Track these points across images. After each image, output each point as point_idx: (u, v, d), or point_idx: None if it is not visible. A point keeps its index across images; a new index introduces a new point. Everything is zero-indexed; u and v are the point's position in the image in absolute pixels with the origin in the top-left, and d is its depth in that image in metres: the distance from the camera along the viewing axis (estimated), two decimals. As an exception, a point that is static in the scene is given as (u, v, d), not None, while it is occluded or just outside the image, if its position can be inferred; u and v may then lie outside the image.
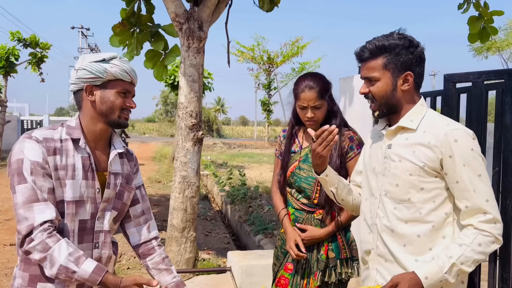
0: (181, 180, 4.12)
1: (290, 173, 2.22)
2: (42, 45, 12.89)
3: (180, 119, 4.11)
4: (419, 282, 1.41)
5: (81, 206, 1.52)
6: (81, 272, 1.40)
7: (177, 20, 4.04)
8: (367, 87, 1.57)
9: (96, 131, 1.58)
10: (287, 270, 2.23)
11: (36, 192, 1.41)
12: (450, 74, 2.09)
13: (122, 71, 1.54)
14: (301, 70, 26.82)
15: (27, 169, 1.42)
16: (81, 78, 1.53)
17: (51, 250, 1.38)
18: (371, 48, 1.53)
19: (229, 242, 6.21)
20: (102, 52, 1.58)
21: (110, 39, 4.62)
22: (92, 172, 1.55)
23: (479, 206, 1.43)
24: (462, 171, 1.44)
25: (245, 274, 3.84)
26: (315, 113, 2.10)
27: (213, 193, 10.46)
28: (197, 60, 4.07)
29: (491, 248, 1.44)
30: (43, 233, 1.38)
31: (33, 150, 1.44)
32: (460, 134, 1.46)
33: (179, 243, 4.17)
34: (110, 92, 1.54)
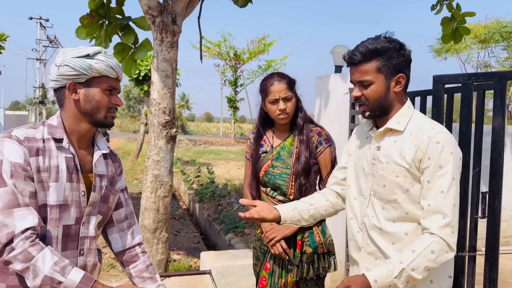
0: (153, 179, 3.98)
1: (264, 172, 2.25)
2: (-2, 35, 12.18)
3: (152, 116, 3.97)
4: (368, 285, 1.43)
5: (65, 211, 1.41)
6: (68, 283, 1.29)
7: (150, 13, 3.89)
8: (359, 90, 1.57)
9: (79, 130, 1.48)
10: (267, 269, 2.25)
11: (16, 197, 1.30)
12: (439, 75, 2.12)
13: (107, 67, 1.43)
14: (267, 67, 26.89)
15: (7, 172, 1.30)
16: (63, 75, 1.41)
17: (35, 260, 1.27)
18: (363, 52, 1.54)
19: (199, 242, 6.10)
20: (84, 47, 1.46)
21: (76, 31, 4.40)
22: (77, 174, 1.45)
23: (441, 207, 1.45)
24: (436, 171, 1.47)
25: (220, 275, 3.77)
26: (286, 105, 2.16)
27: (180, 191, 10.28)
28: (170, 55, 3.94)
29: (443, 257, 1.45)
30: (25, 241, 1.27)
31: (14, 151, 1.33)
32: (443, 137, 1.49)
33: (150, 244, 4.03)
34: (95, 90, 1.44)
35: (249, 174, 2.35)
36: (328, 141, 2.23)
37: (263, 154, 2.29)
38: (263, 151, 2.30)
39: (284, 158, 2.21)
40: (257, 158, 2.29)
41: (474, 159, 2.19)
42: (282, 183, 2.20)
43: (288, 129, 2.27)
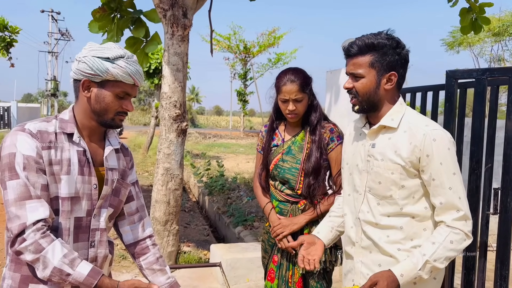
0: (164, 172, 4.02)
1: (274, 166, 2.26)
2: (11, 28, 12.28)
3: (163, 109, 3.99)
4: (395, 279, 1.49)
5: (77, 203, 1.43)
6: (76, 275, 1.32)
7: (161, 7, 3.90)
8: (351, 82, 1.61)
9: (90, 126, 1.50)
10: (274, 262, 2.28)
11: (28, 189, 1.32)
12: (452, 71, 2.10)
13: (125, 73, 1.43)
14: (277, 60, 26.77)
15: (20, 164, 1.32)
16: (80, 71, 1.42)
17: (45, 252, 1.30)
18: (360, 45, 1.56)
19: (209, 234, 6.15)
20: (110, 47, 1.45)
21: (89, 25, 4.43)
22: (88, 167, 1.46)
23: (453, 203, 1.51)
24: (439, 169, 1.51)
25: (229, 268, 3.81)
26: (296, 106, 2.16)
27: (190, 184, 10.34)
28: (181, 49, 3.95)
29: (462, 245, 1.52)
30: (36, 233, 1.30)
31: (27, 144, 1.34)
32: (438, 134, 1.52)
33: (161, 236, 4.08)
34: (107, 93, 1.44)
35: (259, 166, 2.36)
36: (340, 138, 2.22)
37: (274, 147, 2.30)
38: (274, 144, 2.30)
39: (295, 153, 2.21)
40: (268, 151, 2.30)
41: (487, 155, 2.17)
42: (291, 177, 2.21)
43: (300, 125, 2.27)
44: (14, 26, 12.33)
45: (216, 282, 3.90)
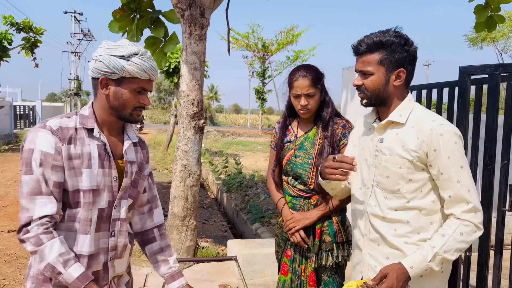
0: (182, 169, 4.10)
1: (286, 161, 2.29)
2: (35, 29, 12.65)
3: (181, 107, 4.07)
4: (405, 271, 1.52)
5: (99, 195, 1.49)
6: (66, 275, 1.38)
7: (179, 6, 3.97)
8: (361, 79, 1.64)
9: (109, 121, 1.56)
10: (288, 256, 2.31)
11: (40, 185, 1.39)
12: (465, 66, 2.10)
13: (140, 70, 1.47)
14: (295, 58, 26.67)
15: (37, 160, 1.39)
16: (97, 69, 1.48)
17: (43, 246, 1.37)
18: (368, 43, 1.59)
19: (227, 230, 6.23)
20: (124, 44, 1.50)
21: (109, 25, 4.54)
22: (109, 160, 1.52)
23: (461, 195, 1.53)
24: (447, 163, 1.53)
25: (246, 263, 3.86)
26: (308, 101, 2.18)
27: (208, 181, 10.46)
28: (199, 48, 4.02)
29: (473, 237, 1.54)
30: (39, 227, 1.37)
31: (46, 141, 1.41)
32: (445, 129, 1.55)
33: (180, 231, 4.17)
34: (125, 89, 1.49)
35: (273, 162, 2.39)
36: None
37: (286, 143, 2.33)
38: (287, 140, 2.34)
39: (307, 148, 2.24)
40: (281, 147, 2.33)
41: (503, 151, 2.16)
42: (304, 172, 2.24)
43: (313, 121, 2.30)
44: (39, 27, 12.71)
45: (233, 276, 3.97)
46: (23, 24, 12.30)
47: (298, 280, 2.25)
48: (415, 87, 2.64)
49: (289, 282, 2.27)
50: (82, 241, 1.47)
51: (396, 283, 1.49)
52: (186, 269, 4.23)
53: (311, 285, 2.23)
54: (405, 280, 1.51)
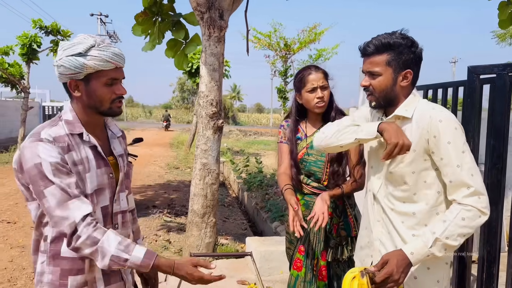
0: (202, 167, 4.21)
1: (299, 160, 2.35)
2: (63, 32, 13.06)
3: (200, 107, 4.18)
4: (406, 257, 1.53)
5: (101, 194, 1.52)
6: (133, 259, 1.39)
7: (199, 9, 4.08)
8: (368, 80, 1.67)
9: (91, 120, 1.54)
10: (301, 252, 2.37)
11: (66, 191, 1.38)
12: (474, 66, 2.12)
13: (102, 61, 1.41)
14: (318, 57, 26.42)
15: (49, 171, 1.37)
16: (62, 74, 1.44)
17: (101, 242, 1.37)
18: (376, 44, 1.62)
19: (246, 228, 6.32)
20: (77, 41, 1.43)
21: (132, 28, 4.71)
22: (102, 159, 1.53)
23: (462, 180, 1.54)
24: (447, 148, 1.55)
25: (263, 260, 3.94)
26: (324, 94, 2.27)
27: (229, 180, 10.58)
28: (217, 49, 4.12)
29: (476, 222, 1.53)
30: (88, 227, 1.37)
31: (49, 152, 1.38)
32: (444, 116, 1.58)
33: (199, 228, 4.28)
34: (95, 85, 1.45)
35: (286, 158, 2.38)
36: None
37: (298, 141, 2.39)
38: (298, 137, 2.40)
39: None
40: (294, 144, 2.37)
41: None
42: (317, 169, 2.30)
43: (321, 119, 2.36)
44: (66, 30, 13.12)
45: (251, 273, 4.05)
46: (51, 27, 12.72)
47: (311, 274, 2.32)
48: (422, 87, 2.66)
49: (303, 276, 2.34)
50: None
51: (396, 269, 1.52)
52: (206, 265, 4.34)
53: (320, 279, 2.30)
54: (405, 266, 1.53)
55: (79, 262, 1.47)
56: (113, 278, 1.57)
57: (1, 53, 12.72)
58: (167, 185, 9.35)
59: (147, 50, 4.74)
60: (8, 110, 18.23)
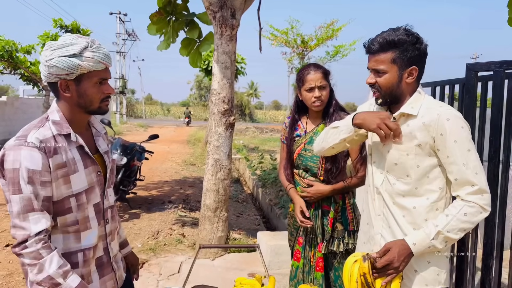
0: (214, 163, 4.32)
1: (297, 155, 2.45)
2: (83, 31, 13.38)
3: (213, 104, 4.28)
4: (407, 247, 1.60)
5: (92, 192, 1.57)
6: (65, 286, 1.44)
7: (211, 9, 4.17)
8: (374, 78, 1.69)
9: (78, 119, 1.57)
10: (300, 243, 2.47)
11: (32, 202, 1.41)
12: (472, 63, 2.15)
13: (95, 62, 1.46)
14: (335, 53, 26.30)
15: (24, 179, 1.39)
16: (53, 74, 1.46)
17: (43, 260, 1.41)
18: (381, 42, 1.63)
19: (260, 224, 6.40)
20: (69, 42, 1.46)
21: (148, 28, 4.84)
22: (90, 158, 1.57)
23: (467, 178, 1.57)
24: (453, 146, 1.58)
25: (273, 253, 4.03)
26: (321, 93, 2.33)
27: (245, 176, 10.69)
28: (229, 48, 4.21)
29: (478, 218, 1.58)
30: (38, 243, 1.41)
31: (32, 158, 1.40)
32: (452, 114, 1.60)
33: (211, 222, 4.39)
34: (86, 85, 1.49)
35: (284, 156, 2.56)
36: None
37: (297, 137, 2.49)
38: (297, 134, 2.49)
39: None
40: (292, 141, 2.49)
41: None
42: (313, 165, 2.39)
43: (321, 116, 2.44)
44: (85, 29, 13.43)
45: (262, 266, 4.14)
46: (72, 27, 13.05)
47: (308, 265, 2.41)
48: (423, 84, 2.70)
49: (301, 267, 2.44)
50: (85, 237, 1.55)
51: (397, 257, 1.58)
52: (218, 258, 4.45)
53: (317, 269, 2.38)
54: (406, 256, 1.59)
55: (73, 256, 1.54)
56: (105, 270, 1.66)
57: (23, 52, 13.10)
58: (183, 181, 9.51)
59: (161, 49, 4.87)
60: (30, 107, 18.73)
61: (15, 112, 17.38)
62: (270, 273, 3.58)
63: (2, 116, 16.40)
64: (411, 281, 1.69)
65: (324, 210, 2.40)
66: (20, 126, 7.66)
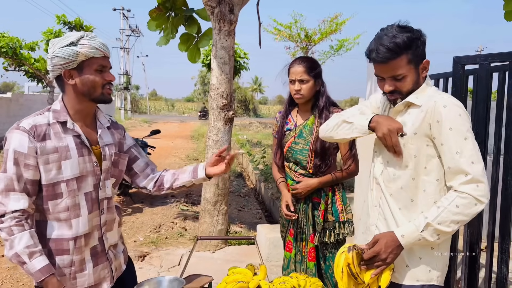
0: (213, 157, 4.37)
1: (287, 148, 2.50)
2: (86, 28, 13.46)
3: (212, 99, 4.33)
4: (396, 239, 1.56)
5: (83, 181, 1.63)
6: (30, 266, 1.50)
7: (209, 4, 4.21)
8: (393, 84, 1.61)
9: (82, 109, 1.66)
10: (291, 235, 2.54)
11: (13, 183, 1.53)
12: (459, 57, 2.18)
13: (92, 49, 1.57)
14: (339, 47, 26.18)
15: (11, 159, 1.53)
16: (57, 65, 1.58)
17: (13, 237, 1.50)
18: (392, 48, 1.55)
19: (261, 217, 6.46)
20: (68, 34, 1.60)
21: (147, 24, 4.88)
22: (86, 148, 1.64)
23: (460, 167, 1.51)
24: (448, 134, 1.53)
25: (272, 246, 4.09)
26: (301, 87, 2.37)
27: (248, 171, 10.74)
28: (228, 43, 4.24)
29: (472, 210, 1.51)
30: (12, 220, 1.51)
31: (19, 141, 1.53)
32: (450, 101, 1.56)
33: (211, 215, 4.46)
34: (88, 72, 1.59)
35: (275, 150, 2.61)
36: None
37: (287, 131, 2.53)
38: (288, 128, 2.54)
39: (306, 135, 2.44)
40: (282, 135, 2.54)
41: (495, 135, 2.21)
42: (303, 158, 2.44)
43: (310, 110, 2.48)
44: (89, 25, 13.52)
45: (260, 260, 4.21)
46: (75, 23, 13.13)
47: (300, 256, 2.47)
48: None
49: (294, 257, 2.50)
50: (76, 224, 1.62)
51: (384, 249, 1.55)
52: (218, 250, 4.52)
53: (310, 260, 2.44)
54: (395, 248, 1.55)
55: (64, 243, 1.61)
56: (100, 259, 1.72)
57: (27, 49, 13.21)
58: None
59: (161, 44, 4.91)
60: (35, 103, 18.88)
61: (20, 108, 17.53)
62: (269, 265, 3.64)
63: (7, 113, 16.54)
64: (402, 276, 1.68)
65: (315, 202, 2.46)
66: (24, 122, 7.46)
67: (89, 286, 1.69)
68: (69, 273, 1.63)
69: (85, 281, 1.66)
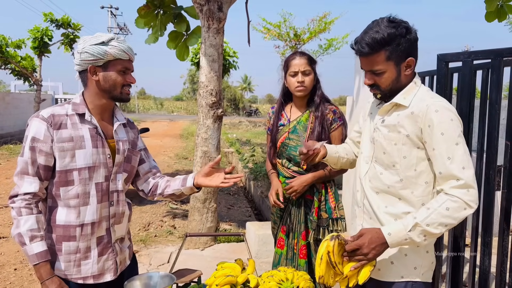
0: (202, 155, 4.38)
1: (281, 143, 2.51)
2: (73, 25, 13.29)
3: (201, 97, 4.33)
4: (381, 236, 1.53)
5: (95, 171, 1.71)
6: (28, 248, 1.59)
7: (198, 2, 4.21)
8: (371, 78, 1.62)
9: (101, 105, 1.76)
10: (283, 231, 2.55)
11: (28, 166, 1.63)
12: (443, 54, 2.21)
13: (120, 51, 1.68)
14: (328, 46, 26.29)
15: (28, 145, 1.63)
16: (84, 60, 1.67)
17: (20, 218, 1.60)
18: (371, 43, 1.54)
19: (250, 215, 6.49)
20: (100, 34, 1.70)
21: (136, 21, 4.86)
22: (101, 140, 1.73)
23: (452, 172, 1.50)
24: (439, 139, 1.51)
25: (261, 242, 4.11)
26: (305, 79, 2.38)
27: (237, 169, 10.75)
28: (216, 41, 4.25)
29: (461, 214, 1.50)
30: (22, 201, 1.61)
31: (37, 128, 1.63)
32: (441, 105, 1.54)
33: (201, 213, 4.46)
34: (112, 71, 1.69)
35: (269, 145, 2.61)
36: (341, 119, 2.45)
37: (280, 127, 2.54)
38: (281, 124, 2.54)
39: (300, 131, 2.45)
40: (276, 131, 2.54)
41: (479, 132, 2.27)
42: (296, 154, 2.43)
43: (305, 105, 2.49)
44: (76, 23, 13.34)
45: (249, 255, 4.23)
46: (62, 21, 12.93)
47: (291, 253, 2.48)
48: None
49: (285, 254, 2.51)
50: (84, 212, 1.69)
51: (367, 244, 1.53)
52: (207, 248, 4.53)
53: (301, 257, 2.46)
54: (379, 244, 1.53)
55: (71, 229, 1.69)
56: (105, 250, 1.78)
57: (13, 47, 13.01)
58: (175, 174, 9.56)
59: (149, 42, 4.89)
60: (22, 102, 18.63)
61: (6, 107, 17.28)
62: (258, 262, 3.66)
63: (-7, 111, 16.31)
64: (387, 274, 1.68)
65: (307, 199, 2.46)
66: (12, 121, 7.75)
67: (93, 275, 1.74)
68: (74, 260, 1.70)
69: (88, 269, 1.73)
